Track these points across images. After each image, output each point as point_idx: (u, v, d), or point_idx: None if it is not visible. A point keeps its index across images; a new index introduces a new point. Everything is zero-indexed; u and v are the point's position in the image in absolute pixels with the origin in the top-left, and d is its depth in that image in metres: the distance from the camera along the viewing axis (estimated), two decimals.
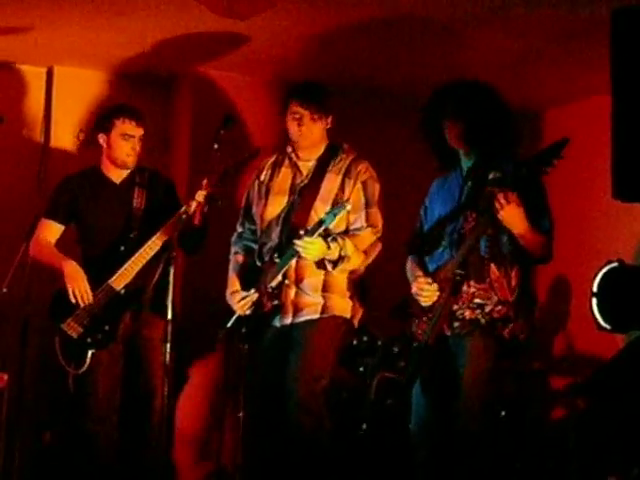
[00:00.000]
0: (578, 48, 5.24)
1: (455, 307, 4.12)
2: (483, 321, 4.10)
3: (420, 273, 4.28)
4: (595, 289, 5.40)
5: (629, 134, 3.86)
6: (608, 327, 5.35)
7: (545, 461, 5.23)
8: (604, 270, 5.41)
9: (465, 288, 4.11)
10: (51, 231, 4.99)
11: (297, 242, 4.33)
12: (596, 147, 4.27)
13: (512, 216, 3.97)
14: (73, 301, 4.76)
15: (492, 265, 4.12)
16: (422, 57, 5.56)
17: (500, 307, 4.10)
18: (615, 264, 5.37)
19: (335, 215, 4.29)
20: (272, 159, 4.77)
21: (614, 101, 3.95)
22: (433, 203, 4.38)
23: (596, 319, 5.37)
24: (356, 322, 4.67)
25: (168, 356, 4.23)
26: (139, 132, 4.92)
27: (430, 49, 5.43)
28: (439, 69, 5.46)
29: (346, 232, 4.53)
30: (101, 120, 4.97)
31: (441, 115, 4.24)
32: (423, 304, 4.20)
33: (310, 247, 4.34)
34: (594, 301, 5.39)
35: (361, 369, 5.36)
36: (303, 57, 5.62)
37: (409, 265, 4.41)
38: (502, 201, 3.94)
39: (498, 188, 3.98)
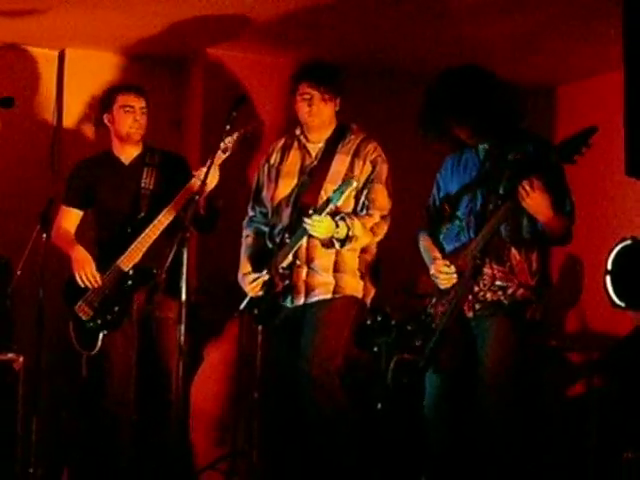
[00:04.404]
0: (591, 24, 5.19)
1: (476, 289, 4.11)
2: (506, 303, 4.09)
3: (438, 254, 4.27)
4: (609, 267, 5.39)
5: None
6: (622, 305, 5.34)
7: (562, 438, 5.23)
8: (618, 248, 5.39)
9: (486, 270, 4.09)
10: (69, 218, 5.05)
11: (306, 220, 4.34)
12: (609, 124, 4.25)
13: (538, 204, 3.93)
14: (82, 286, 4.81)
15: (513, 249, 4.10)
16: (433, 33, 5.52)
17: (522, 290, 4.09)
18: (629, 241, 5.35)
19: (342, 192, 4.31)
20: (281, 142, 4.78)
21: (627, 77, 3.94)
22: (448, 181, 4.35)
23: (610, 297, 5.36)
24: (368, 301, 4.68)
25: (183, 337, 4.24)
26: (139, 103, 4.93)
27: (441, 25, 5.38)
28: (450, 45, 5.44)
29: (354, 211, 4.53)
30: (104, 100, 5.03)
31: (440, 113, 4.20)
32: (441, 287, 4.19)
33: (318, 225, 4.35)
34: (608, 279, 5.37)
35: (375, 349, 5.36)
36: (313, 36, 5.60)
37: (424, 244, 4.40)
38: (527, 188, 3.90)
39: (522, 174, 3.94)
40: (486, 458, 4.12)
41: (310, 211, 4.35)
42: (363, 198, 4.55)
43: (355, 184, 4.37)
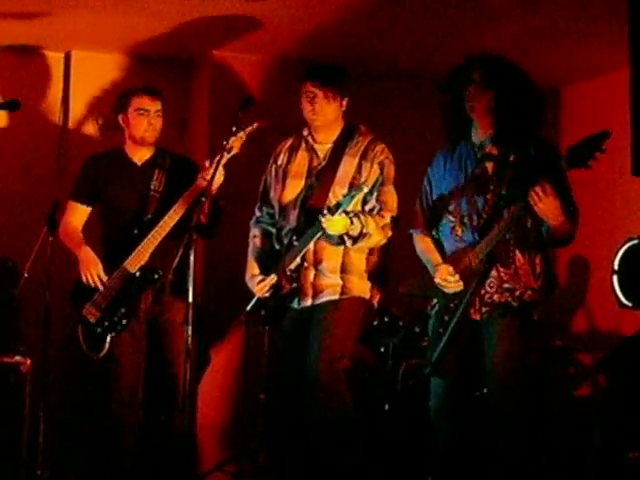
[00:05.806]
0: (597, 24, 5.20)
1: (482, 292, 4.10)
2: (515, 304, 4.08)
3: (439, 259, 4.25)
4: (616, 266, 5.39)
5: None
6: (630, 304, 5.34)
7: (566, 437, 5.23)
8: (625, 247, 5.39)
9: (494, 273, 4.09)
10: (76, 214, 5.04)
11: (322, 219, 4.34)
12: (614, 124, 4.25)
13: (550, 209, 3.91)
14: (87, 285, 4.81)
15: (517, 252, 4.10)
16: (439, 33, 5.52)
17: (530, 292, 4.09)
18: (636, 241, 5.35)
19: (352, 198, 4.32)
20: (288, 143, 4.78)
21: (633, 77, 3.93)
22: (440, 177, 4.32)
23: (617, 297, 5.36)
24: (375, 302, 4.68)
25: (190, 339, 4.24)
26: (155, 106, 4.92)
27: (447, 25, 5.39)
28: (456, 45, 5.43)
29: (362, 211, 4.54)
30: (119, 101, 5.02)
31: (467, 82, 4.17)
32: (449, 292, 4.17)
33: (333, 224, 4.35)
34: (615, 278, 5.37)
35: (382, 349, 5.36)
36: (319, 37, 5.60)
37: (422, 246, 4.37)
38: (540, 194, 3.88)
39: (531, 178, 3.93)
40: (493, 458, 4.12)
41: (325, 211, 4.36)
42: (374, 201, 4.54)
43: (366, 190, 4.38)
